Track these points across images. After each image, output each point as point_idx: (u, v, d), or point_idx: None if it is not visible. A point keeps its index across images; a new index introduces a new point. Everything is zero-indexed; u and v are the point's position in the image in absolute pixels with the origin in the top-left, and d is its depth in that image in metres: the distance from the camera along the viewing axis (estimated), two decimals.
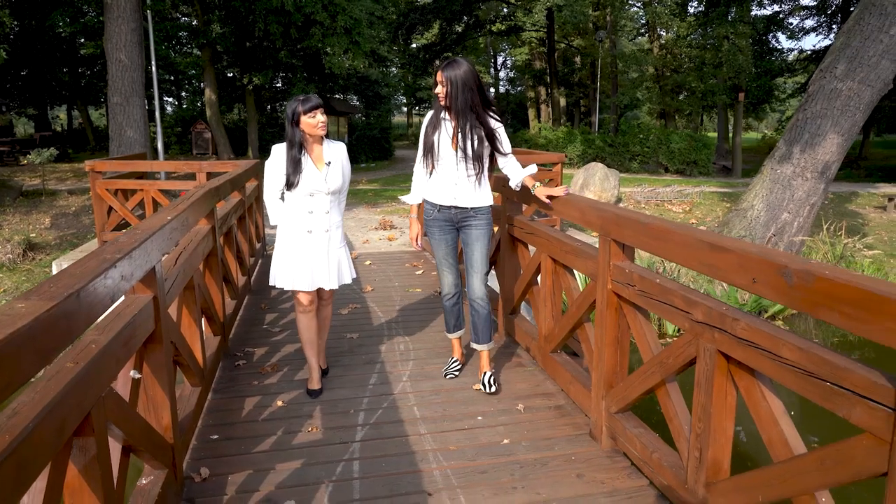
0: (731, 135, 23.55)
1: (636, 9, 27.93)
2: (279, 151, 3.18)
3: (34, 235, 9.72)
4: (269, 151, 3.26)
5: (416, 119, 49.65)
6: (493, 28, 30.59)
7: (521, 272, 3.93)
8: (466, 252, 3.39)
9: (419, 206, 3.48)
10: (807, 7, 24.93)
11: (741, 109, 22.40)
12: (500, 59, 44.50)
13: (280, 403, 3.29)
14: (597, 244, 2.80)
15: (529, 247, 3.81)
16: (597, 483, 2.54)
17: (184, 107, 28.31)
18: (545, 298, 3.48)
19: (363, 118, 26.33)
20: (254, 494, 2.49)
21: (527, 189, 3.34)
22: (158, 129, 13.67)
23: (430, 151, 3.23)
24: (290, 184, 3.12)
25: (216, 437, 2.94)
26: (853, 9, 8.88)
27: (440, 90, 3.12)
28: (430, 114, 3.28)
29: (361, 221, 10.37)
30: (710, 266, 1.96)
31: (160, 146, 13.87)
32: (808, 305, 1.60)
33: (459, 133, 3.15)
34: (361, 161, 23.18)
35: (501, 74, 45.65)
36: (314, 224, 3.20)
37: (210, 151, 21.08)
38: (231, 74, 22.54)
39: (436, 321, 4.65)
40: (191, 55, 23.86)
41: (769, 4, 24.26)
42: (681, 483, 2.21)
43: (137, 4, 10.46)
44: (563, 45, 32.47)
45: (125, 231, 2.33)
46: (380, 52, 20.92)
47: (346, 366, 3.79)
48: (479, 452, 2.79)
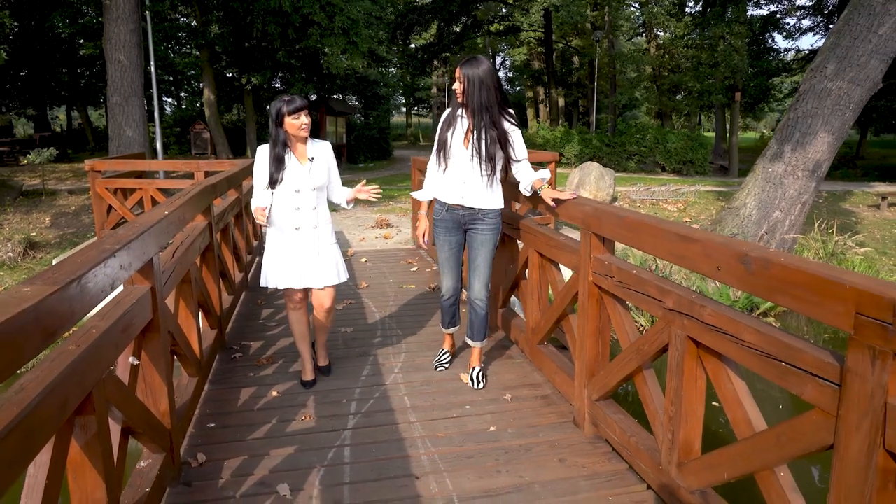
0: (728, 134, 23.66)
1: (633, 9, 28.01)
2: (263, 152, 3.20)
3: (34, 234, 9.81)
4: (257, 153, 3.25)
5: (415, 119, 49.76)
6: (492, 28, 30.69)
7: (510, 267, 4.03)
8: (470, 255, 3.36)
9: (430, 204, 3.45)
10: (803, 7, 25.03)
11: (738, 109, 22.50)
12: (499, 60, 44.63)
13: (275, 394, 3.39)
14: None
15: (518, 242, 3.91)
16: (578, 467, 2.65)
17: (182, 107, 28.40)
18: (532, 292, 3.59)
19: (362, 118, 26.43)
20: (248, 478, 2.59)
21: (535, 192, 3.24)
22: (157, 129, 13.78)
23: (443, 148, 3.20)
24: (273, 181, 3.13)
25: (213, 426, 3.04)
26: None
27: (458, 87, 3.08)
28: (448, 110, 3.25)
29: (358, 220, 10.47)
30: (679, 255, 2.07)
31: (159, 146, 13.96)
32: (766, 291, 1.70)
33: (473, 131, 3.09)
34: (360, 161, 23.28)
35: (500, 74, 45.69)
36: (302, 221, 3.21)
37: (209, 151, 21.18)
38: (230, 75, 22.62)
39: (428, 316, 4.75)
40: (189, 55, 23.97)
41: (765, 4, 24.35)
42: (655, 465, 2.31)
43: (136, 5, 10.56)
44: (562, 46, 32.58)
45: (122, 227, 2.43)
46: (378, 53, 21.03)
47: (340, 358, 3.89)
48: (466, 439, 2.90)
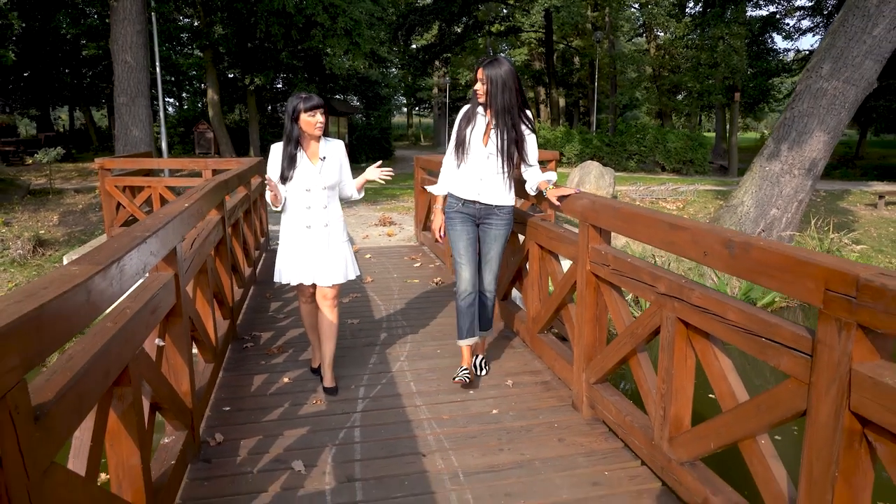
0: (728, 134, 23.81)
1: (633, 9, 28.15)
2: (276, 149, 3.26)
3: (43, 232, 9.97)
4: (270, 151, 3.32)
5: (416, 119, 49.92)
6: (493, 29, 30.85)
7: (512, 259, 4.18)
8: (483, 249, 3.43)
9: (444, 198, 3.49)
10: (803, 7, 25.17)
11: (737, 109, 22.66)
12: None
13: (286, 380, 3.54)
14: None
15: (519, 235, 4.06)
16: (576, 445, 2.80)
17: (185, 107, 28.57)
18: (533, 283, 3.73)
19: (363, 118, 26.58)
20: (264, 456, 2.74)
21: (539, 192, 3.34)
22: (163, 129, 13.94)
23: (462, 145, 3.25)
24: (284, 178, 3.18)
25: (228, 409, 3.19)
26: None
27: (479, 87, 3.12)
28: (466, 108, 3.30)
29: (362, 218, 10.63)
30: (670, 243, 2.22)
31: (164, 146, 14.12)
32: (748, 272, 1.85)
33: (494, 130, 3.15)
34: (361, 161, 23.41)
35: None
36: (313, 219, 3.25)
37: (212, 151, 21.33)
38: (233, 75, 22.79)
39: (432, 308, 4.90)
40: (192, 56, 24.14)
41: (765, 5, 24.48)
42: (648, 440, 2.46)
43: (143, 7, 10.71)
44: (563, 46, 32.73)
45: (147, 217, 2.58)
46: (380, 53, 21.17)
47: (348, 347, 4.04)
48: (470, 420, 3.05)
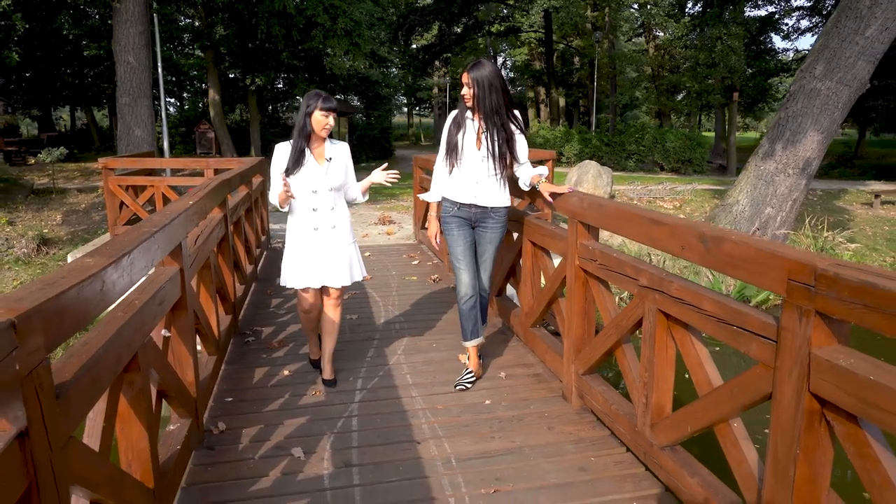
0: (727, 134, 23.91)
1: (633, 10, 28.25)
2: (282, 148, 3.27)
3: (47, 231, 10.09)
4: (272, 150, 3.34)
5: (417, 119, 50.05)
6: (493, 29, 30.98)
7: (506, 256, 4.29)
8: (478, 251, 3.46)
9: (438, 205, 3.52)
10: (801, 8, 25.27)
11: (735, 109, 22.76)
12: (500, 60, 44.89)
13: (286, 372, 3.66)
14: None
15: (514, 233, 4.17)
16: (565, 434, 2.91)
17: (186, 108, 28.71)
18: (526, 279, 3.85)
19: (364, 118, 26.71)
20: (265, 443, 2.86)
21: (532, 189, 3.38)
22: (164, 129, 14.06)
23: (454, 150, 3.26)
24: (288, 171, 3.18)
25: (230, 400, 3.31)
26: None
27: (466, 91, 3.15)
28: (454, 113, 3.32)
29: (362, 217, 10.74)
30: (651, 237, 2.33)
31: (166, 145, 14.24)
32: (721, 265, 1.96)
33: (485, 133, 3.19)
34: (362, 161, 23.54)
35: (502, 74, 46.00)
36: (320, 221, 3.27)
37: (213, 151, 21.46)
38: (234, 75, 22.93)
39: (429, 304, 5.01)
40: (193, 56, 24.27)
41: (763, 5, 24.58)
42: (632, 427, 2.58)
43: (145, 8, 10.83)
44: (563, 46, 32.85)
45: (153, 214, 2.69)
46: (380, 53, 21.29)
47: (346, 342, 4.16)
48: (464, 410, 3.16)
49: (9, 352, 1.14)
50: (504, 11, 30.06)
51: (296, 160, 3.20)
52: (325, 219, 3.29)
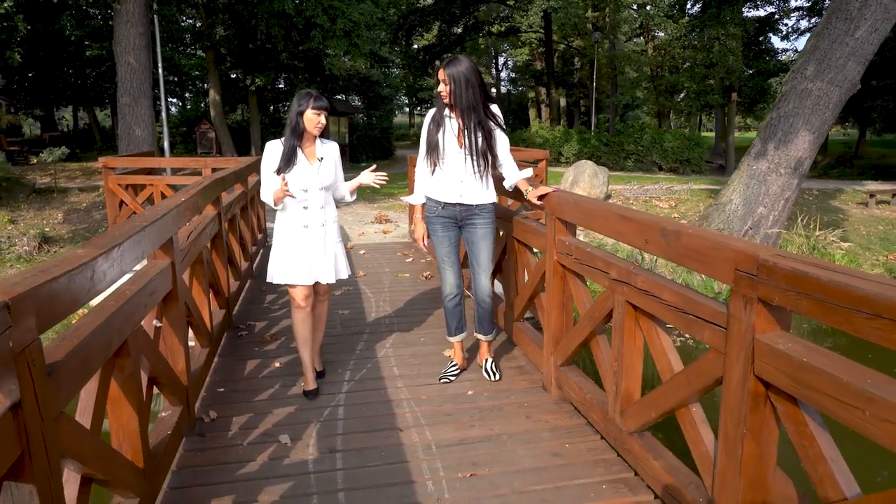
0: (725, 134, 24.00)
1: (632, 10, 28.34)
2: (274, 146, 3.28)
3: (48, 230, 10.23)
4: (266, 148, 3.32)
5: (418, 119, 50.17)
6: (493, 29, 31.09)
7: (493, 253, 4.40)
8: (471, 251, 3.40)
9: (423, 206, 3.48)
10: (800, 8, 25.34)
11: (734, 109, 22.85)
12: (502, 60, 45.03)
13: (277, 365, 3.78)
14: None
15: (500, 231, 4.28)
16: (542, 422, 3.02)
17: (187, 108, 28.88)
18: (510, 274, 3.96)
19: (364, 118, 26.84)
20: (254, 431, 2.97)
21: (517, 189, 3.37)
22: (165, 129, 14.20)
23: (435, 150, 3.23)
24: (279, 170, 3.18)
25: (222, 390, 3.43)
26: None
27: (443, 88, 3.13)
28: (432, 112, 3.29)
29: (359, 216, 10.86)
30: (620, 232, 2.44)
31: (166, 145, 14.38)
32: (679, 257, 2.07)
33: (465, 131, 3.15)
34: (362, 160, 23.66)
35: (503, 75, 46.19)
36: (310, 219, 3.29)
37: (214, 150, 21.59)
38: (234, 76, 23.07)
39: (420, 300, 5.13)
40: (194, 57, 24.42)
41: (762, 6, 24.66)
42: (604, 414, 2.69)
43: (145, 9, 10.97)
44: (563, 46, 32.95)
45: (146, 209, 2.80)
46: (380, 54, 21.44)
47: (337, 335, 4.27)
48: (447, 400, 3.28)
49: (3, 330, 1.26)
50: (505, 11, 30.16)
51: (288, 159, 3.20)
52: (315, 217, 3.30)
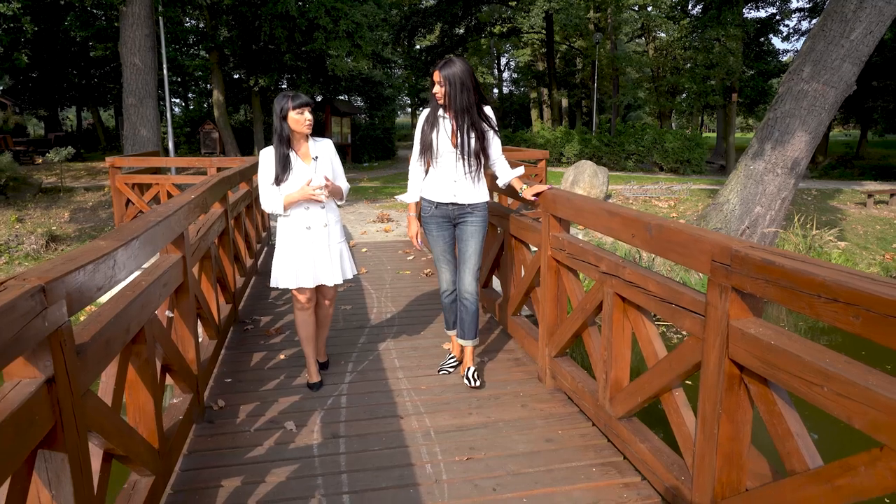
0: (726, 134, 24.10)
1: (633, 11, 28.45)
2: (266, 154, 3.23)
3: (55, 228, 10.38)
4: (260, 157, 3.28)
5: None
6: (495, 30, 31.22)
7: (491, 249, 4.53)
8: (460, 247, 3.43)
9: (417, 205, 3.51)
10: (801, 10, 25.43)
11: (734, 110, 22.96)
12: (504, 61, 45.15)
13: (282, 357, 3.91)
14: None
15: (497, 228, 4.41)
16: (537, 410, 3.15)
17: (191, 108, 29.05)
18: (507, 270, 4.09)
19: (367, 119, 26.98)
20: (261, 418, 3.11)
21: (512, 187, 3.44)
22: (169, 129, 14.37)
23: (429, 149, 3.26)
24: (279, 180, 3.18)
25: (230, 380, 3.57)
26: None
27: (438, 90, 3.16)
28: (426, 112, 3.31)
29: (361, 215, 10.99)
30: (609, 227, 2.57)
31: (171, 145, 14.55)
32: (662, 250, 2.20)
33: (459, 131, 3.19)
34: (364, 161, 23.82)
35: (505, 75, 46.31)
36: (312, 220, 3.26)
37: (218, 150, 21.77)
38: (238, 76, 23.25)
39: (420, 296, 5.26)
40: (198, 57, 24.61)
41: (763, 7, 24.75)
42: (595, 402, 2.82)
43: (150, 11, 11.12)
44: (565, 47, 33.07)
45: (158, 206, 2.94)
46: (383, 54, 21.59)
47: (340, 329, 4.40)
48: (445, 390, 3.41)
49: (39, 311, 1.39)
50: (507, 12, 30.29)
51: (283, 166, 3.18)
52: (317, 217, 3.28)
